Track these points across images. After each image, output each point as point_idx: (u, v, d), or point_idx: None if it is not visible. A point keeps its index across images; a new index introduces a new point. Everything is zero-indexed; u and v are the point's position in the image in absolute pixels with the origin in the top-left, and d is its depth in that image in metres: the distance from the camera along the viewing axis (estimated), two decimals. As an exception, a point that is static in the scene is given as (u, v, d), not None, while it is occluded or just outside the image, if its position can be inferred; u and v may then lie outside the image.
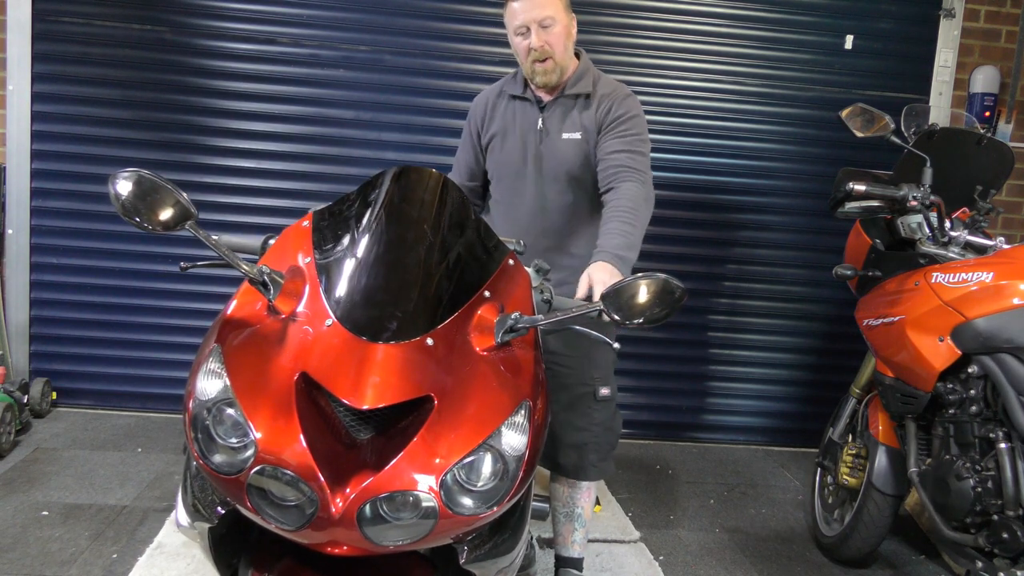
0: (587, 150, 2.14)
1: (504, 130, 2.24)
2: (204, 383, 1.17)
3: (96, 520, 2.71)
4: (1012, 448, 2.11)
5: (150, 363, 3.80)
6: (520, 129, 2.21)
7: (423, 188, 1.52)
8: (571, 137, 2.15)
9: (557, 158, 2.16)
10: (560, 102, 2.17)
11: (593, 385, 2.17)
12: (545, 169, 2.18)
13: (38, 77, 3.61)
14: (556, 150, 2.16)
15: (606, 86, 2.19)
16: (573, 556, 2.32)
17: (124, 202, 1.20)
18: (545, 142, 2.17)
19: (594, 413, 2.19)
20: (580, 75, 2.18)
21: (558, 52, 2.09)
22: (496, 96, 2.30)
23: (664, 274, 1.29)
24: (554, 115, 2.18)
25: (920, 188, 2.44)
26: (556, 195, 2.18)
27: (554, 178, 2.17)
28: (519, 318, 1.32)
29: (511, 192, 2.25)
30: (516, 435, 1.20)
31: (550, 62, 2.09)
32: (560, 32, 2.08)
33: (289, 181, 3.75)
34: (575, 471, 2.22)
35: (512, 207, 2.25)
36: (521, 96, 2.22)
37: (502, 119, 2.25)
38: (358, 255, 1.35)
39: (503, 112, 2.26)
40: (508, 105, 2.26)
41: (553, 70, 2.10)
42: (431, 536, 1.14)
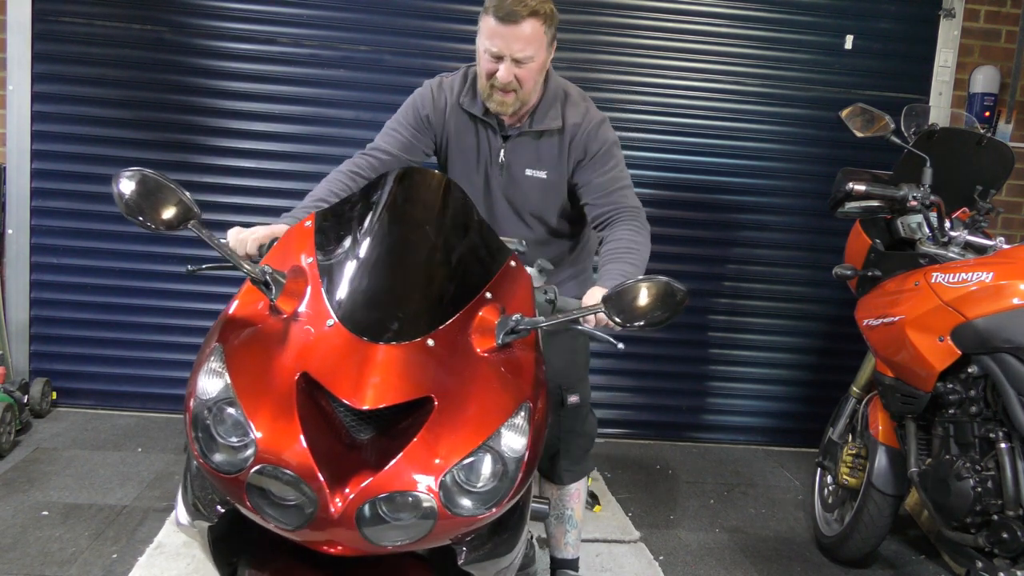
0: (552, 187, 2.05)
1: (460, 149, 2.07)
2: (205, 382, 1.18)
3: (96, 520, 2.71)
4: (1012, 448, 2.11)
5: (150, 363, 3.80)
6: (479, 157, 2.06)
7: (425, 189, 1.52)
8: (535, 175, 2.03)
9: (517, 195, 2.06)
10: (525, 138, 2.02)
11: (561, 394, 2.13)
12: (509, 204, 2.08)
13: (38, 77, 3.61)
14: (517, 186, 2.05)
15: (575, 113, 2.01)
16: (567, 557, 2.33)
17: (127, 201, 1.21)
18: (505, 176, 2.05)
19: (563, 421, 2.17)
20: (548, 105, 2.00)
21: (526, 88, 1.90)
22: (453, 98, 2.05)
23: (666, 277, 1.29)
24: (517, 148, 2.03)
25: (920, 188, 2.44)
26: (521, 229, 2.10)
27: (516, 214, 2.09)
28: (520, 319, 1.32)
29: None
30: (516, 436, 1.20)
31: (512, 95, 1.90)
32: (534, 68, 1.89)
33: (290, 181, 3.75)
34: (551, 475, 2.23)
35: None
36: (482, 119, 2.02)
37: (461, 135, 2.06)
38: (360, 256, 1.35)
39: (459, 125, 2.05)
40: (468, 122, 2.05)
41: (512, 103, 1.92)
42: (430, 537, 1.14)
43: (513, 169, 2.04)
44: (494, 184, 2.07)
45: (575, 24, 3.75)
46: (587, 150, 2.00)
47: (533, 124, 2.00)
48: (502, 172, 2.04)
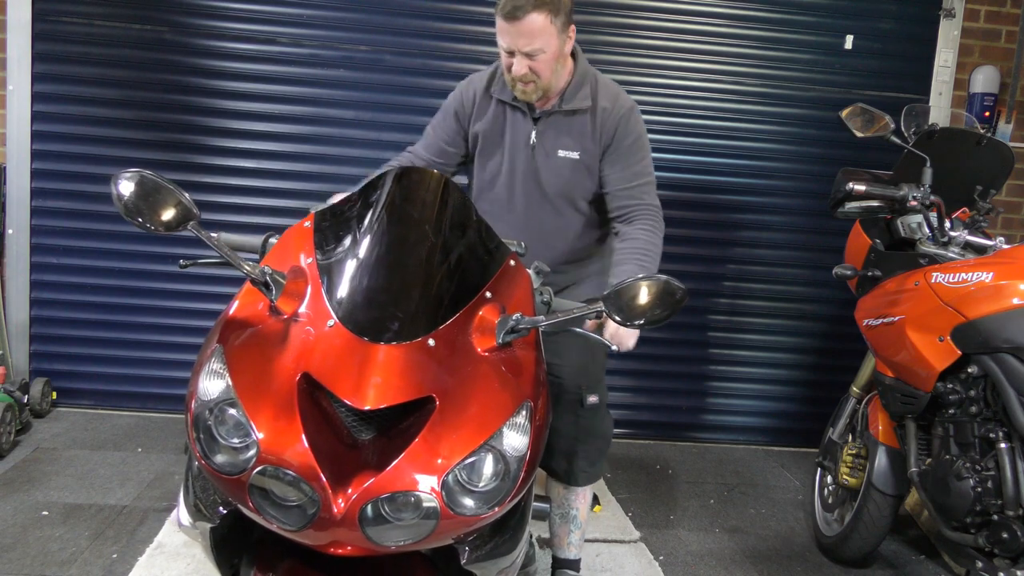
0: (585, 168, 2.06)
1: (492, 135, 2.12)
2: (206, 383, 1.18)
3: (96, 520, 2.71)
4: (1012, 448, 2.11)
5: (150, 363, 3.80)
6: (510, 141, 2.09)
7: (425, 189, 1.52)
8: (568, 156, 2.05)
9: (548, 176, 2.07)
10: (555, 117, 2.06)
11: (580, 393, 2.15)
12: (534, 185, 2.09)
13: (38, 77, 3.61)
14: (549, 167, 2.06)
15: (606, 96, 2.06)
16: (569, 557, 2.33)
17: (126, 202, 1.21)
18: (539, 159, 2.06)
19: (581, 420, 2.17)
20: (577, 86, 2.04)
21: (543, 77, 1.95)
22: (484, 90, 2.13)
23: (665, 275, 1.29)
24: (548, 130, 2.06)
25: (920, 188, 2.44)
26: (548, 214, 2.11)
27: (547, 197, 2.09)
28: (520, 319, 1.32)
29: (499, 206, 2.14)
30: (517, 436, 1.20)
31: (531, 85, 1.97)
32: (548, 59, 1.93)
33: (289, 181, 3.75)
34: (566, 476, 2.22)
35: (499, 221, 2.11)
36: (512, 104, 2.08)
37: (490, 122, 2.12)
38: (360, 256, 1.35)
39: (491, 114, 2.11)
40: (496, 108, 2.11)
41: (533, 92, 1.98)
42: (432, 536, 1.15)
43: (544, 150, 2.06)
44: (524, 166, 2.08)
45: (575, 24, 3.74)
46: (616, 136, 2.03)
47: (563, 104, 2.03)
48: (532, 154, 2.06)
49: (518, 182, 2.10)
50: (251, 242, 1.67)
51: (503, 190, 2.13)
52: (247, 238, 1.68)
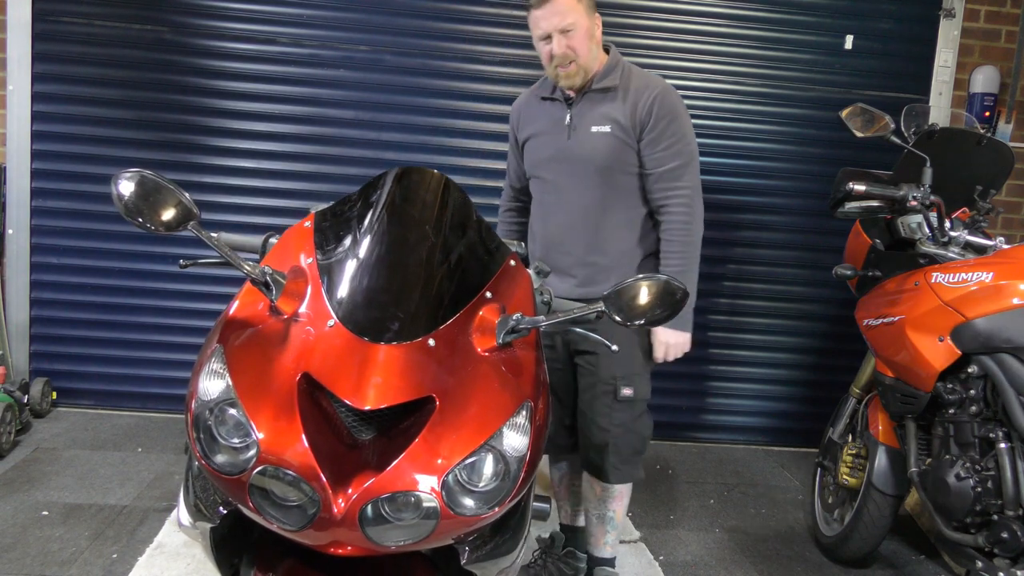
0: (619, 143, 2.13)
1: (537, 131, 2.26)
2: (206, 383, 1.18)
3: (96, 520, 2.71)
4: (1012, 448, 2.11)
5: (150, 363, 3.80)
6: (549, 127, 2.22)
7: (425, 189, 1.52)
8: (600, 130, 2.14)
9: (586, 153, 2.15)
10: (587, 97, 2.17)
11: (615, 384, 2.17)
12: (574, 165, 2.17)
13: (38, 77, 3.61)
14: (584, 144, 2.15)
15: (638, 78, 2.18)
16: (605, 556, 2.38)
17: (127, 202, 1.20)
18: (573, 137, 2.17)
19: (614, 413, 2.18)
20: (608, 70, 2.17)
21: (581, 55, 2.08)
22: (530, 99, 2.33)
23: (665, 275, 1.29)
24: (581, 109, 2.17)
25: (920, 188, 2.44)
26: (586, 190, 2.17)
27: (583, 173, 2.16)
28: (520, 319, 1.32)
29: (543, 190, 2.26)
30: (518, 436, 1.20)
31: (573, 65, 2.09)
32: (582, 35, 2.07)
33: (289, 181, 3.75)
34: (597, 471, 2.23)
35: (545, 204, 2.27)
36: (550, 97, 2.25)
37: (534, 121, 2.28)
38: (360, 256, 1.35)
39: (535, 114, 2.28)
40: (540, 106, 2.28)
41: (576, 73, 2.11)
42: (433, 536, 1.14)
43: (579, 128, 2.17)
44: (562, 147, 2.19)
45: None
46: (653, 115, 2.12)
47: (594, 84, 2.16)
48: (569, 133, 2.17)
49: (561, 163, 2.19)
50: (251, 242, 1.67)
51: (549, 174, 2.23)
52: (247, 238, 1.68)
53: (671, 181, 2.14)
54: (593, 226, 2.17)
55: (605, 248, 2.18)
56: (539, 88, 2.32)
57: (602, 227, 2.18)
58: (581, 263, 2.19)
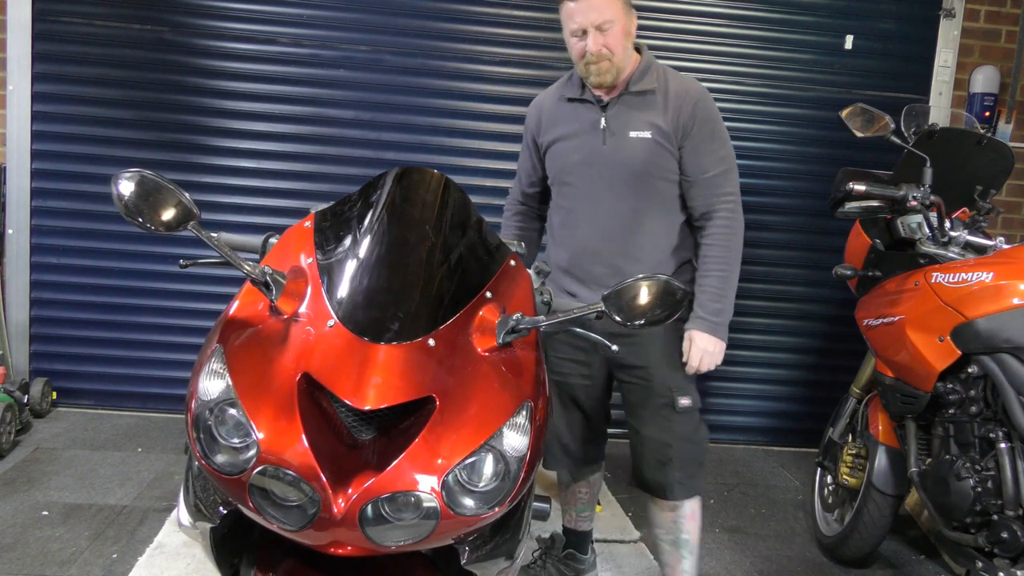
0: (659, 149, 2.03)
1: (565, 134, 2.12)
2: (206, 383, 1.18)
3: (96, 520, 2.71)
4: (1012, 448, 2.11)
5: (150, 363, 3.80)
6: (581, 131, 2.09)
7: (425, 189, 1.52)
8: (640, 136, 2.02)
9: (623, 158, 2.04)
10: (624, 100, 2.05)
11: (671, 396, 2.08)
12: (609, 170, 2.05)
13: (38, 77, 3.61)
14: (622, 150, 2.04)
15: (675, 80, 2.07)
16: None
17: (127, 202, 1.20)
18: (609, 142, 2.05)
19: (675, 426, 2.09)
20: (644, 71, 2.05)
21: (617, 54, 1.97)
22: (554, 100, 2.18)
23: (665, 275, 1.29)
24: (618, 113, 2.05)
25: (920, 188, 2.44)
26: (621, 197, 2.05)
27: (619, 179, 2.05)
28: (521, 319, 1.32)
29: (573, 197, 2.12)
30: (518, 436, 1.20)
31: (606, 63, 1.97)
32: (618, 33, 1.95)
33: (289, 181, 3.75)
34: (660, 489, 2.13)
35: (574, 212, 2.13)
36: (579, 99, 2.10)
37: (561, 123, 2.13)
38: (360, 256, 1.35)
39: (562, 116, 2.14)
40: (566, 108, 2.13)
41: (609, 70, 1.98)
42: (433, 536, 1.14)
43: (615, 132, 2.04)
44: (596, 152, 2.06)
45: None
46: (696, 120, 2.03)
47: (631, 87, 2.04)
48: (604, 138, 2.05)
49: (595, 168, 2.07)
50: (251, 242, 1.67)
51: (580, 180, 2.10)
52: (247, 238, 1.68)
53: (715, 187, 2.04)
54: (628, 234, 2.07)
55: (640, 256, 2.07)
56: (564, 88, 2.16)
57: (637, 235, 2.07)
58: (616, 272, 2.04)
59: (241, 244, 1.66)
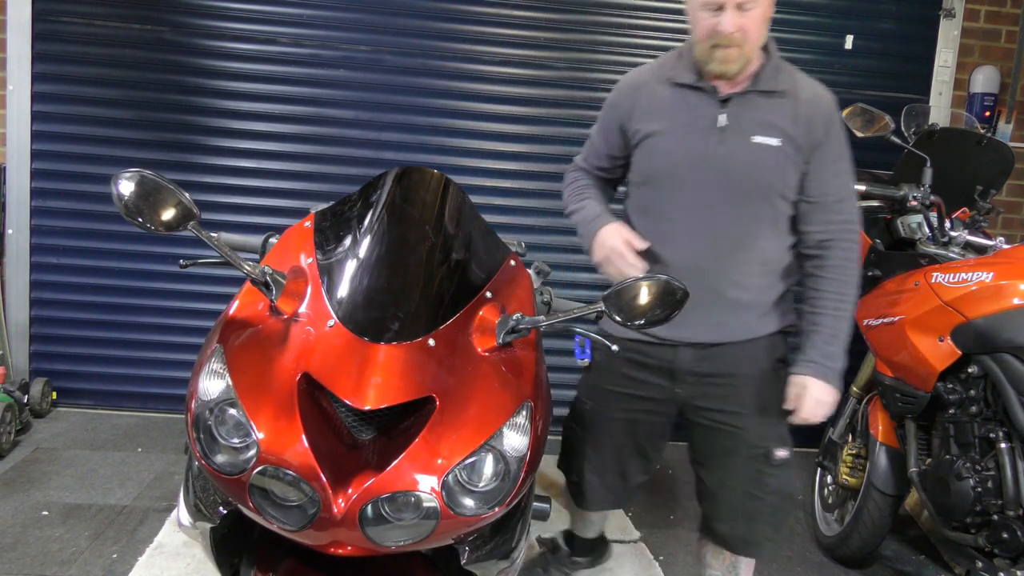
0: (786, 161, 1.73)
1: (663, 124, 1.78)
2: (206, 383, 1.18)
3: (96, 520, 2.71)
4: (1012, 448, 2.11)
5: (150, 363, 3.80)
6: (689, 126, 1.75)
7: (425, 189, 1.52)
8: (766, 142, 1.72)
9: (742, 166, 1.72)
10: (749, 98, 1.74)
11: (766, 447, 1.82)
12: (723, 177, 1.73)
13: (38, 77, 3.61)
14: (742, 155, 1.72)
15: (806, 85, 1.81)
16: None
17: (127, 202, 1.20)
18: (727, 144, 1.73)
19: (768, 479, 1.83)
20: (776, 68, 1.77)
21: (751, 40, 1.67)
22: (656, 82, 1.82)
23: (665, 275, 1.29)
24: (742, 112, 1.73)
25: (920, 188, 2.44)
26: (733, 210, 1.74)
27: (734, 189, 1.73)
28: (521, 319, 1.32)
29: (664, 201, 1.80)
30: (518, 436, 1.20)
31: (736, 50, 1.66)
32: (759, 17, 1.67)
33: (289, 181, 3.75)
34: (743, 545, 1.90)
35: (671, 222, 1.79)
36: (694, 86, 1.76)
37: (664, 112, 1.78)
38: (360, 256, 1.35)
39: (665, 103, 1.79)
40: (673, 95, 1.78)
41: (737, 59, 1.68)
42: (433, 536, 1.15)
43: (736, 135, 1.73)
44: (709, 153, 1.73)
45: (575, 24, 3.75)
46: (829, 132, 1.77)
47: (760, 84, 1.74)
48: (721, 140, 1.73)
49: (706, 173, 1.74)
50: (251, 242, 1.67)
51: (683, 185, 1.77)
52: (247, 238, 1.68)
53: (837, 213, 1.77)
54: (736, 255, 1.76)
55: (746, 283, 1.79)
56: (671, 70, 1.80)
57: (748, 257, 1.77)
58: (715, 299, 1.76)
59: (241, 244, 1.66)
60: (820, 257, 1.80)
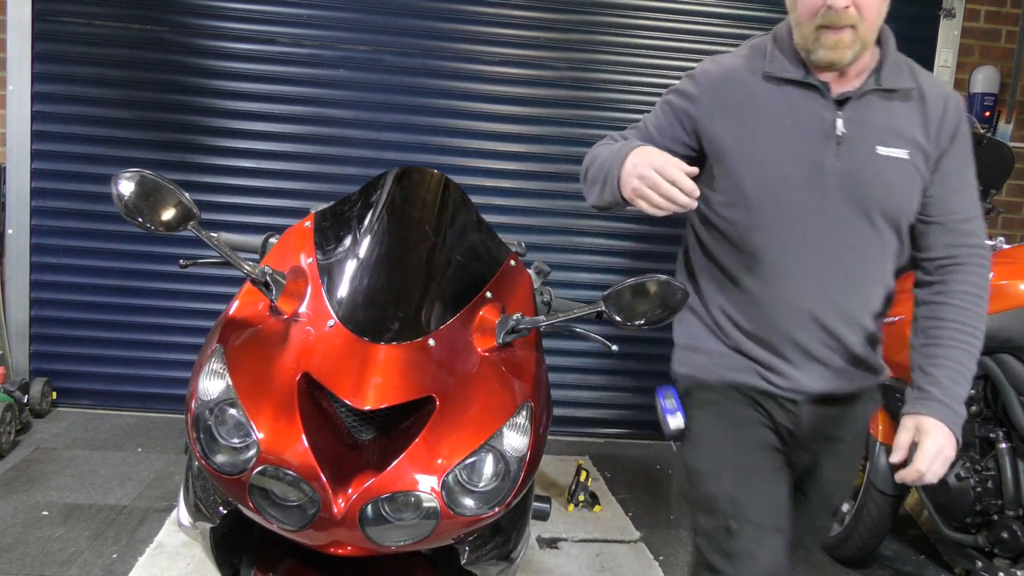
0: (917, 177, 1.43)
1: (765, 130, 1.42)
2: (206, 383, 1.18)
3: (96, 520, 2.71)
4: (1012, 448, 2.11)
5: (150, 363, 3.80)
6: (799, 134, 1.41)
7: (425, 189, 1.52)
8: (893, 154, 1.40)
9: (868, 184, 1.40)
10: (870, 99, 1.41)
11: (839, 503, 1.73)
12: (841, 199, 1.40)
13: (38, 77, 3.61)
14: (867, 171, 1.40)
15: (929, 80, 1.48)
16: None
17: (127, 202, 1.20)
18: (847, 157, 1.39)
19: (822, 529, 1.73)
20: (895, 62, 1.44)
21: (867, 20, 1.36)
22: (745, 74, 1.46)
23: (666, 275, 1.29)
24: (861, 116, 1.41)
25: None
26: (852, 240, 1.42)
27: (856, 214, 1.41)
28: (521, 319, 1.32)
29: (763, 231, 1.43)
30: (518, 436, 1.20)
31: (849, 33, 1.34)
32: None
33: (289, 181, 3.75)
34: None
35: (761, 254, 1.44)
36: (800, 81, 1.42)
37: (761, 114, 1.43)
38: (360, 256, 1.35)
39: (762, 103, 1.43)
40: (771, 93, 1.43)
41: (851, 44, 1.36)
42: (433, 536, 1.15)
43: (857, 145, 1.40)
44: (826, 165, 1.40)
45: (575, 24, 3.75)
46: (956, 137, 1.45)
47: (882, 80, 1.42)
48: (839, 152, 1.40)
49: (810, 194, 1.41)
50: (251, 242, 1.67)
51: (789, 207, 1.42)
52: (247, 238, 1.68)
53: (966, 236, 1.46)
54: (852, 290, 1.46)
55: (862, 321, 1.50)
56: (765, 60, 1.45)
57: (873, 296, 1.50)
58: (836, 345, 1.48)
59: (241, 244, 1.66)
60: (942, 283, 1.47)
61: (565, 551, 2.77)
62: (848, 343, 1.49)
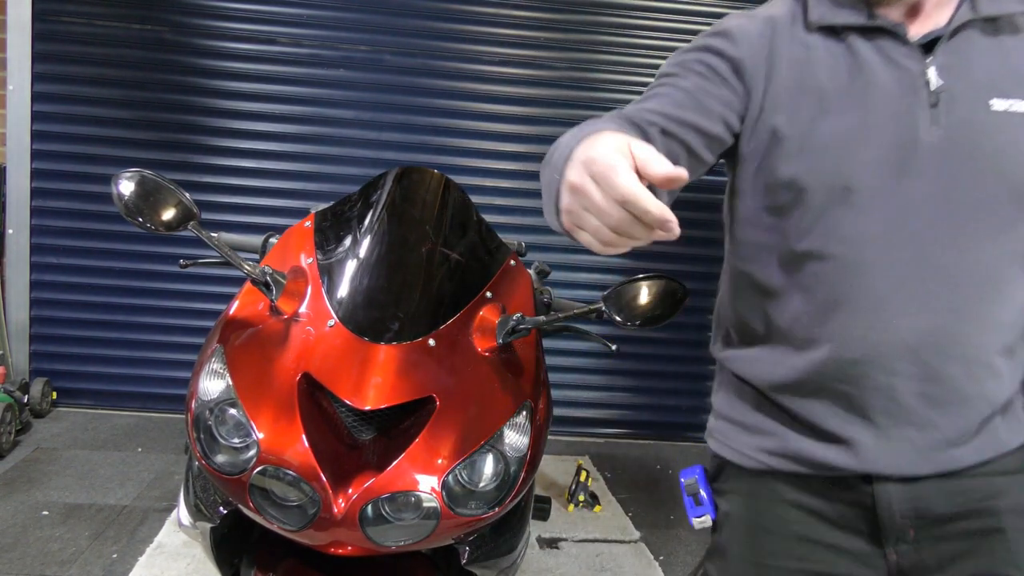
0: None
1: (825, 102, 1.00)
2: (206, 383, 1.18)
3: (96, 520, 2.71)
4: (1012, 448, 2.10)
5: (150, 363, 3.80)
6: (875, 97, 0.99)
7: (425, 189, 1.52)
8: (1016, 108, 0.98)
9: (985, 155, 0.97)
10: (969, 35, 1.00)
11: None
12: (946, 180, 0.97)
13: (38, 77, 3.61)
14: (980, 136, 0.98)
15: None
16: None
17: (127, 202, 1.20)
18: (949, 119, 0.97)
19: None
20: None
21: None
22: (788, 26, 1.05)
23: (666, 275, 1.29)
24: (964, 61, 0.99)
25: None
26: (967, 238, 0.97)
27: (971, 200, 0.97)
28: (521, 319, 1.32)
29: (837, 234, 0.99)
30: (518, 436, 1.20)
31: None
32: None
33: (290, 181, 3.75)
34: None
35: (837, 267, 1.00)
36: (866, 26, 1.01)
37: (815, 78, 1.01)
38: (360, 256, 1.35)
39: (815, 61, 1.02)
40: (829, 47, 1.02)
41: None
42: (433, 536, 1.15)
43: (962, 101, 0.98)
44: (922, 145, 0.98)
45: (575, 24, 3.75)
46: None
47: (979, 7, 1.00)
48: (936, 115, 0.98)
49: (903, 178, 0.98)
50: (251, 242, 1.67)
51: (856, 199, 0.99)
52: (247, 238, 1.68)
53: None
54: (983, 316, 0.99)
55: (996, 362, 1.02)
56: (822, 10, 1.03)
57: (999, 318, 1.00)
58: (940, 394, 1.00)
59: (241, 244, 1.66)
60: None
61: (565, 551, 2.77)
62: (971, 391, 1.01)
